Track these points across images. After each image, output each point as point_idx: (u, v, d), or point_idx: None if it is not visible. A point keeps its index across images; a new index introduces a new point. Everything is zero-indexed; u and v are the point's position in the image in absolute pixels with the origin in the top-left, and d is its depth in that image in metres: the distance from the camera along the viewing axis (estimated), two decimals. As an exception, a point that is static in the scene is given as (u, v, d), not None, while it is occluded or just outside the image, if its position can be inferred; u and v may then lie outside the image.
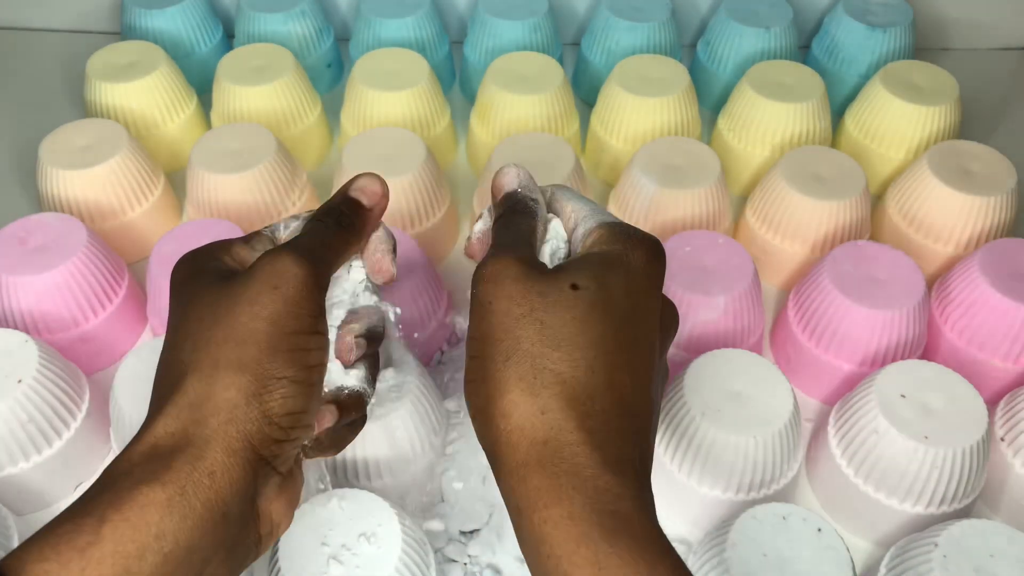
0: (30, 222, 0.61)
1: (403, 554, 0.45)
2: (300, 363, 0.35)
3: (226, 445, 0.33)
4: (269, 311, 0.35)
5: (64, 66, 0.88)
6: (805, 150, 0.68)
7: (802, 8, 0.87)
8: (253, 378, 0.34)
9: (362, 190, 0.41)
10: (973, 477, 0.51)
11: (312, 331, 0.36)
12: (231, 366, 0.34)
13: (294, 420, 0.35)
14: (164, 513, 0.31)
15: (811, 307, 0.59)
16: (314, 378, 0.36)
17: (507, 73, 0.74)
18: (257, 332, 0.34)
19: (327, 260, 0.38)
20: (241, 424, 0.33)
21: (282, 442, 0.35)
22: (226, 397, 0.33)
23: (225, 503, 0.33)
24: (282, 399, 0.34)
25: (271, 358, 0.34)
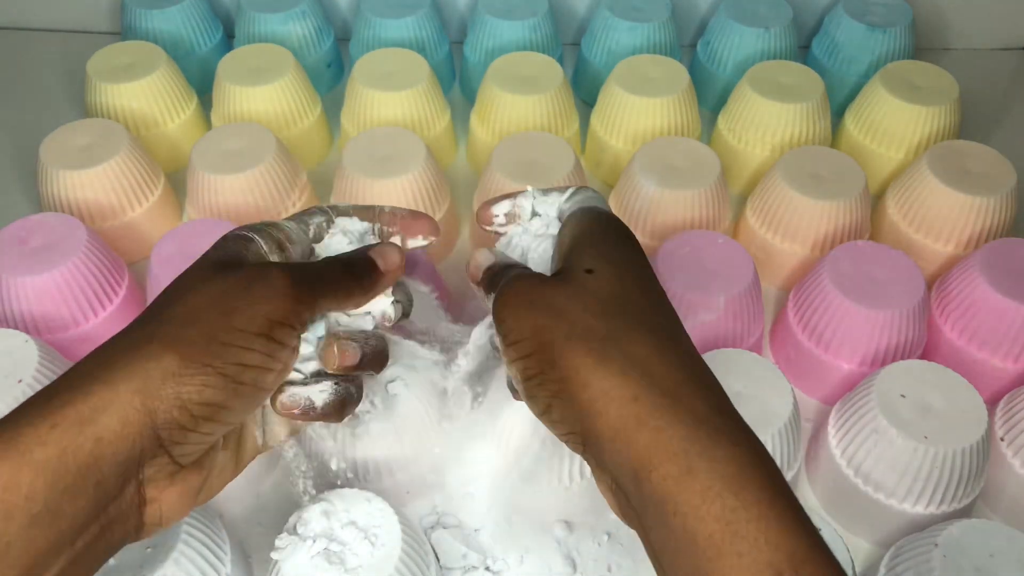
0: (30, 222, 0.61)
1: (403, 554, 0.45)
2: (235, 359, 0.34)
3: (124, 415, 0.32)
4: (227, 304, 0.35)
5: (64, 66, 0.88)
6: (805, 150, 0.69)
7: (802, 8, 0.87)
8: (178, 357, 0.33)
9: (381, 254, 0.41)
10: (973, 477, 0.51)
11: (262, 334, 0.35)
12: (163, 339, 0.33)
13: (209, 412, 0.34)
14: (38, 474, 0.30)
15: (811, 307, 0.59)
16: (245, 378, 0.35)
17: (507, 73, 0.74)
18: (204, 317, 0.34)
19: (317, 292, 0.38)
20: (148, 398, 0.32)
21: (188, 431, 0.33)
22: (144, 367, 0.33)
23: (102, 472, 0.32)
24: (201, 387, 0.33)
25: (205, 344, 0.34)
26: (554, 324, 0.34)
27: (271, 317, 0.35)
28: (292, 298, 0.36)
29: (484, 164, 0.70)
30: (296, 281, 0.36)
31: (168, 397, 0.33)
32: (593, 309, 0.34)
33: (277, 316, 0.35)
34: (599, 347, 0.33)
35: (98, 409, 0.32)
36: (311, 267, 0.39)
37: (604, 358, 0.33)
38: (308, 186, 0.71)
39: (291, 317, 0.36)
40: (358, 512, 0.46)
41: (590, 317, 0.34)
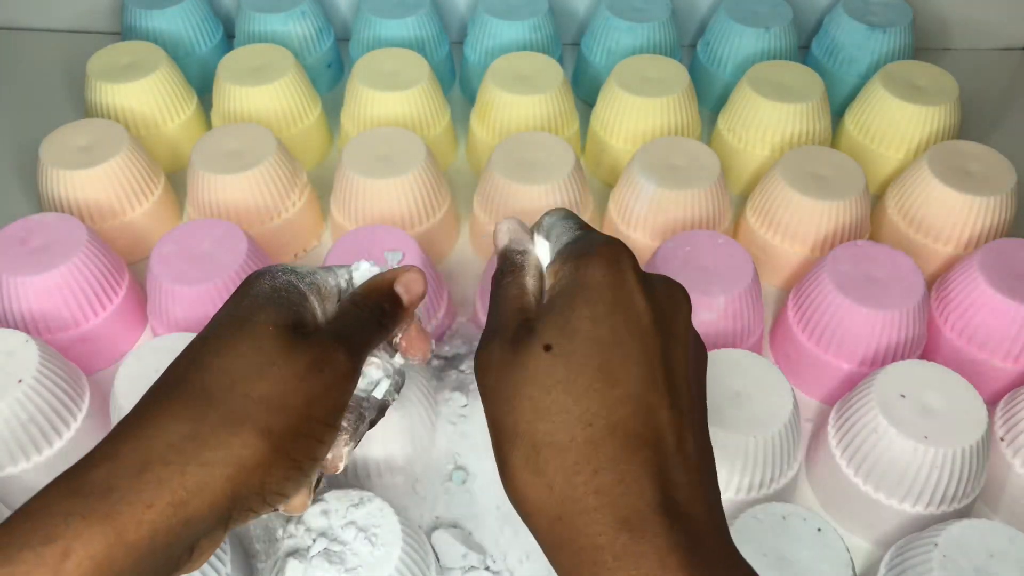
0: (30, 222, 0.61)
1: (403, 554, 0.45)
2: (311, 453, 0.35)
3: (215, 501, 0.32)
4: (309, 393, 0.34)
5: (64, 66, 0.88)
6: (805, 150, 0.69)
7: (802, 8, 0.87)
8: (270, 448, 0.33)
9: (407, 288, 0.41)
10: (973, 477, 0.51)
11: (332, 424, 0.36)
12: (257, 427, 0.33)
13: (278, 501, 0.35)
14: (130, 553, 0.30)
15: (811, 307, 0.59)
16: (313, 471, 0.36)
17: (507, 73, 0.74)
18: (291, 404, 0.34)
19: (364, 357, 0.38)
20: (238, 485, 0.33)
21: (251, 513, 0.34)
22: (240, 454, 0.33)
23: (180, 549, 0.32)
24: (283, 479, 0.34)
25: (293, 438, 0.34)
26: (503, 420, 0.33)
27: (340, 408, 0.36)
28: (351, 382, 0.36)
29: (484, 164, 0.70)
30: (355, 361, 0.37)
31: (254, 485, 0.33)
32: (537, 402, 0.32)
33: (342, 405, 0.36)
34: (534, 458, 0.32)
35: (193, 493, 0.32)
36: (353, 331, 0.38)
37: (536, 472, 0.32)
38: (308, 186, 0.71)
39: (348, 400, 0.37)
40: (358, 512, 0.47)
41: (532, 416, 0.32)
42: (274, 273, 0.38)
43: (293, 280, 0.38)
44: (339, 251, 0.60)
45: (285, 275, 0.38)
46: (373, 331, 0.39)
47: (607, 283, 0.33)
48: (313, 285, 0.38)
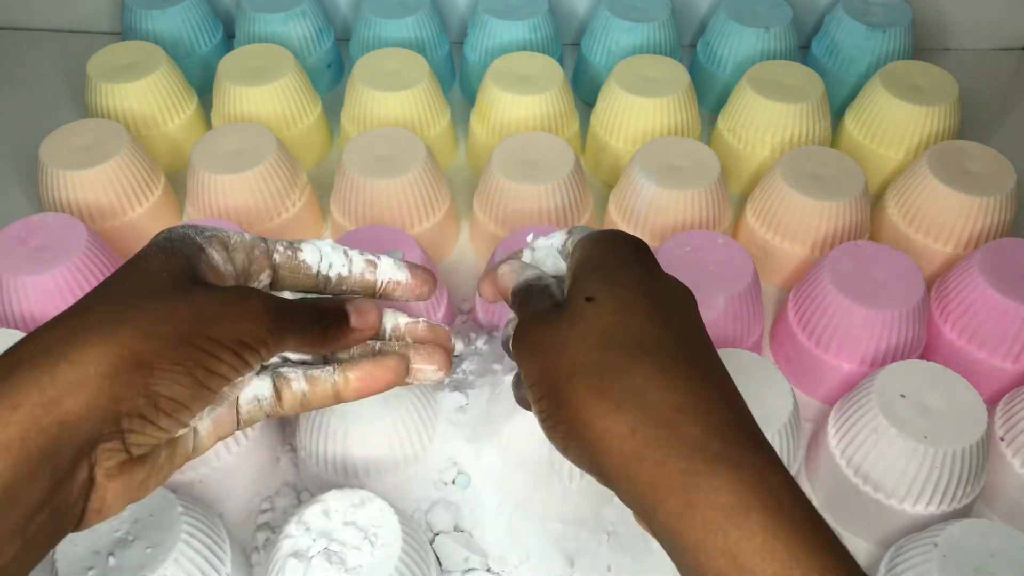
0: (30, 222, 0.61)
1: (403, 554, 0.45)
2: (205, 364, 0.34)
3: (91, 399, 0.31)
4: (202, 312, 0.35)
5: (64, 66, 0.88)
6: (805, 150, 0.69)
7: (802, 8, 0.87)
8: (152, 350, 0.33)
9: (358, 310, 0.41)
10: (972, 477, 0.51)
11: (232, 349, 0.35)
12: (138, 331, 0.33)
13: (172, 407, 0.34)
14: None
15: (811, 307, 0.59)
16: (212, 385, 0.35)
17: (507, 73, 0.74)
18: (180, 319, 0.34)
19: (284, 330, 0.38)
20: (117, 384, 0.32)
21: (148, 422, 0.33)
22: (116, 352, 0.32)
23: (60, 456, 0.31)
24: (170, 382, 0.33)
25: (178, 344, 0.33)
26: (556, 364, 0.34)
27: (242, 338, 0.35)
28: (265, 327, 0.36)
29: (484, 164, 0.70)
30: (270, 312, 0.36)
31: (137, 386, 0.32)
32: (592, 341, 0.33)
33: (248, 338, 0.36)
34: (597, 383, 0.32)
35: (65, 391, 0.31)
36: (286, 303, 0.38)
37: (601, 395, 0.32)
38: (308, 186, 0.71)
39: (259, 343, 0.36)
40: (358, 512, 0.47)
41: (588, 351, 0.33)
42: (172, 229, 0.38)
43: (190, 232, 0.38)
44: (339, 251, 0.60)
45: (184, 229, 0.38)
46: (306, 319, 0.39)
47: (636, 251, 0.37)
48: (213, 237, 0.38)
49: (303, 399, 0.40)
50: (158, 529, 0.46)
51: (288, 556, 0.45)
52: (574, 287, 0.36)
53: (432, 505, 0.54)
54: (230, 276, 0.39)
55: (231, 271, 0.39)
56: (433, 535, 0.53)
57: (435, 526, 0.53)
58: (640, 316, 0.34)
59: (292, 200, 0.68)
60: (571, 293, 0.36)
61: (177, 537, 0.45)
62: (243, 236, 0.40)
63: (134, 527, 0.46)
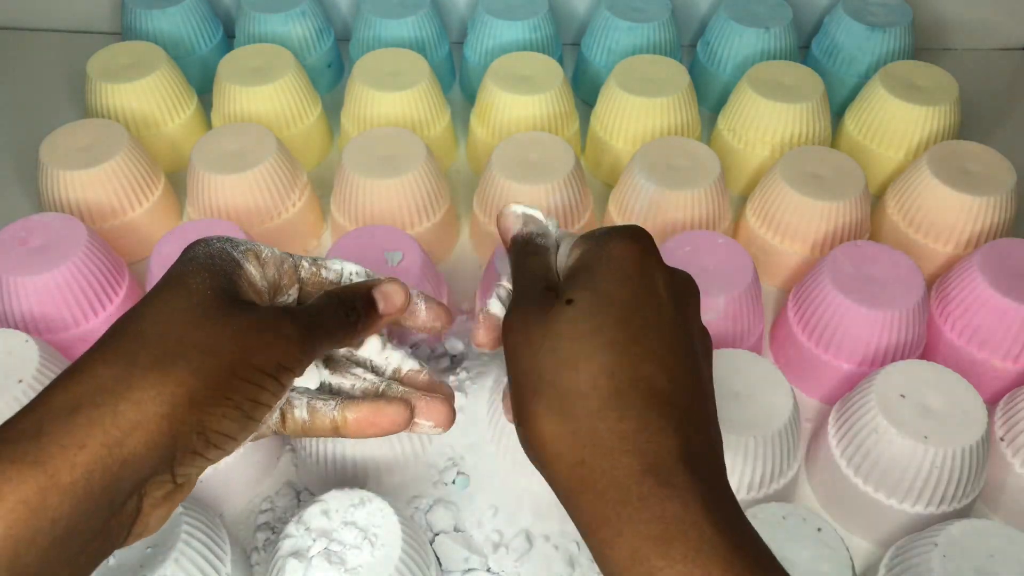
0: (30, 222, 0.61)
1: (403, 554, 0.45)
2: (251, 396, 0.35)
3: (151, 439, 0.32)
4: (245, 342, 0.35)
5: (64, 66, 0.88)
6: (805, 150, 0.69)
7: (802, 8, 0.87)
8: (204, 386, 0.33)
9: (384, 296, 0.41)
10: (972, 477, 0.51)
11: (273, 375, 0.36)
12: (190, 367, 0.33)
13: (221, 441, 0.35)
14: (65, 497, 0.30)
15: (811, 307, 0.59)
16: (257, 415, 0.36)
17: (507, 73, 0.74)
18: (225, 350, 0.34)
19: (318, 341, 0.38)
20: (175, 423, 0.32)
21: (198, 455, 0.34)
22: (172, 391, 0.33)
23: (121, 493, 0.32)
24: (222, 418, 0.34)
25: (227, 377, 0.34)
26: (528, 373, 0.34)
27: (282, 363, 0.36)
28: (300, 349, 0.36)
29: (484, 164, 0.70)
30: (303, 332, 0.37)
31: (192, 423, 0.33)
32: (561, 354, 0.33)
33: (287, 363, 0.36)
34: (557, 406, 0.33)
35: (127, 431, 0.31)
36: (314, 313, 0.38)
37: (560, 419, 0.33)
38: (308, 186, 0.71)
39: (296, 365, 0.36)
40: (358, 512, 0.47)
41: (556, 366, 0.33)
42: (209, 242, 0.38)
43: (227, 248, 0.38)
44: (339, 251, 0.60)
45: (220, 243, 0.38)
46: (336, 321, 0.39)
47: (629, 255, 0.36)
48: (248, 251, 0.39)
49: (304, 426, 0.40)
50: (158, 529, 0.46)
51: (288, 556, 0.45)
52: (563, 286, 0.36)
53: (432, 505, 0.54)
54: (265, 290, 0.39)
55: (266, 286, 0.39)
56: (433, 535, 0.53)
57: (435, 526, 0.53)
58: (611, 327, 0.34)
59: (292, 200, 0.68)
60: (561, 289, 0.36)
61: (177, 537, 0.45)
62: (273, 251, 0.40)
63: (134, 527, 0.46)
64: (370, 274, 0.42)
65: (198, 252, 0.38)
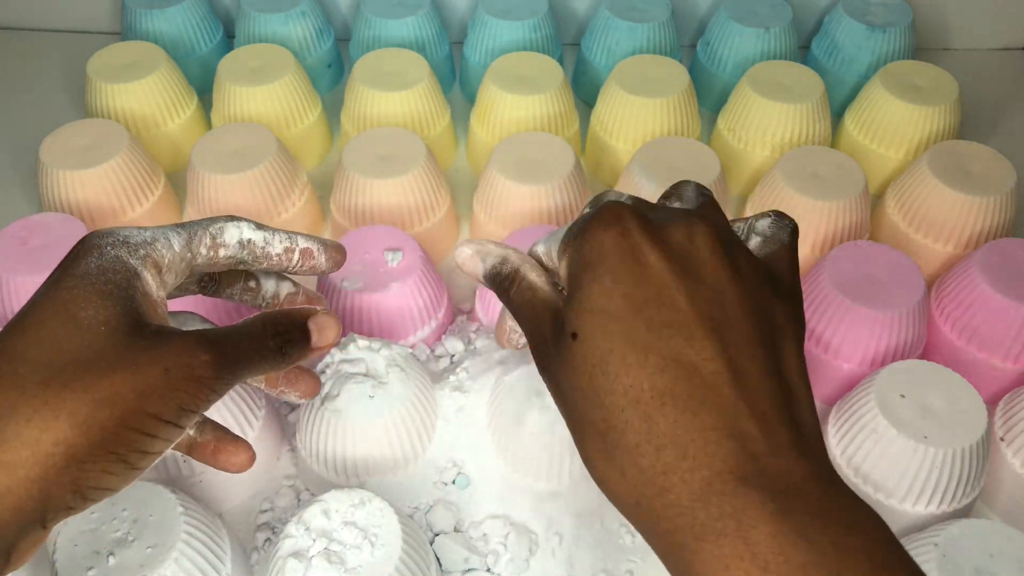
0: (30, 222, 0.61)
1: (403, 554, 0.45)
2: (140, 447, 0.32)
3: (18, 505, 0.29)
4: (145, 387, 0.31)
5: (64, 66, 0.88)
6: (805, 150, 0.69)
7: (802, 8, 0.87)
8: (86, 443, 0.30)
9: (319, 328, 0.38)
10: (972, 477, 0.51)
11: (170, 422, 0.32)
12: (73, 421, 0.30)
13: (99, 495, 0.32)
14: None
15: (811, 307, 0.59)
16: (143, 464, 0.32)
17: (507, 73, 0.74)
18: (120, 398, 0.31)
19: (237, 374, 0.34)
20: (47, 485, 0.30)
21: (70, 510, 0.31)
22: (49, 451, 0.30)
23: None
24: (102, 473, 0.31)
25: (115, 431, 0.31)
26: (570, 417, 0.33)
27: (185, 406, 0.32)
28: (211, 388, 0.33)
29: (484, 164, 0.70)
30: (219, 368, 0.33)
31: (66, 484, 0.30)
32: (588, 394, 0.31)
33: (191, 405, 0.33)
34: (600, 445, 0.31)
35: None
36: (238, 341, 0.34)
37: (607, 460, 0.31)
38: (308, 186, 0.71)
39: (203, 406, 0.33)
40: (358, 512, 0.46)
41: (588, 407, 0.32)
42: (102, 247, 0.34)
43: (123, 255, 0.34)
44: (339, 251, 0.60)
45: (115, 248, 0.34)
46: (264, 354, 0.35)
47: (609, 249, 0.32)
48: (147, 259, 0.35)
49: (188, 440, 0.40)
50: (158, 529, 0.46)
51: (288, 556, 0.45)
52: (565, 309, 0.33)
53: (432, 505, 0.54)
54: (161, 301, 0.35)
55: (162, 296, 0.36)
56: (433, 535, 0.53)
57: (435, 526, 0.53)
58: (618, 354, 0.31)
59: (292, 200, 0.68)
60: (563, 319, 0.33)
61: (177, 537, 0.45)
62: (173, 249, 0.36)
63: (134, 527, 0.46)
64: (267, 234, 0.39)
65: (89, 266, 0.33)
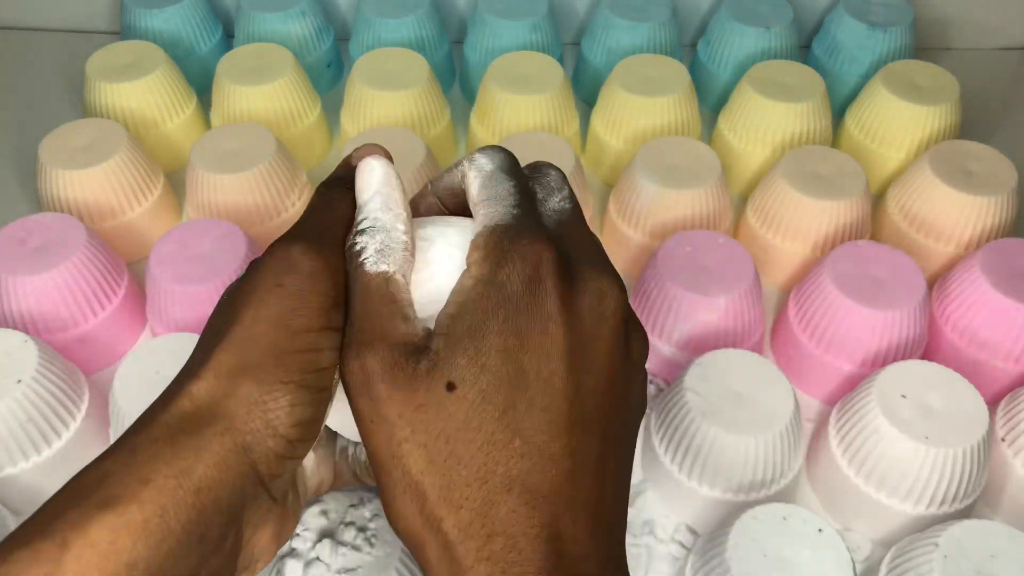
0: (30, 222, 0.61)
1: (403, 554, 0.45)
2: (310, 366, 0.31)
3: (219, 459, 0.29)
4: (273, 311, 0.31)
5: (64, 66, 0.88)
6: (805, 150, 0.68)
7: (803, 7, 0.87)
8: (255, 384, 0.30)
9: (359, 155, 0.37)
10: (974, 477, 0.51)
11: (323, 327, 0.31)
12: (231, 372, 0.30)
13: (303, 431, 0.31)
14: (139, 537, 0.27)
15: (812, 307, 0.59)
16: (326, 381, 0.32)
17: (507, 73, 0.74)
18: (260, 335, 0.31)
19: (339, 237, 0.33)
20: (239, 435, 0.30)
21: (286, 458, 0.31)
22: (224, 405, 0.30)
23: (207, 525, 0.29)
24: (290, 407, 0.30)
25: (276, 362, 0.30)
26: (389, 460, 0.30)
27: (322, 307, 0.31)
28: (326, 275, 0.32)
29: (484, 164, 0.69)
30: (318, 251, 0.32)
31: (260, 428, 0.30)
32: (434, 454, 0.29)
33: (325, 303, 0.31)
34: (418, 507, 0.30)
35: (191, 459, 0.29)
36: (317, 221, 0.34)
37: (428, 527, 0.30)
38: (308, 186, 0.71)
39: (338, 295, 0.32)
40: (358, 512, 0.46)
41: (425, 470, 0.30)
42: None
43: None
44: (339, 251, 0.60)
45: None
46: (343, 202, 0.35)
47: (524, 304, 0.30)
48: None
49: None
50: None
51: (287, 556, 0.45)
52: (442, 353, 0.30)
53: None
54: None
55: None
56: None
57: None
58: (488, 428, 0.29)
59: (292, 200, 0.68)
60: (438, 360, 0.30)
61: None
62: None
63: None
64: None
65: None
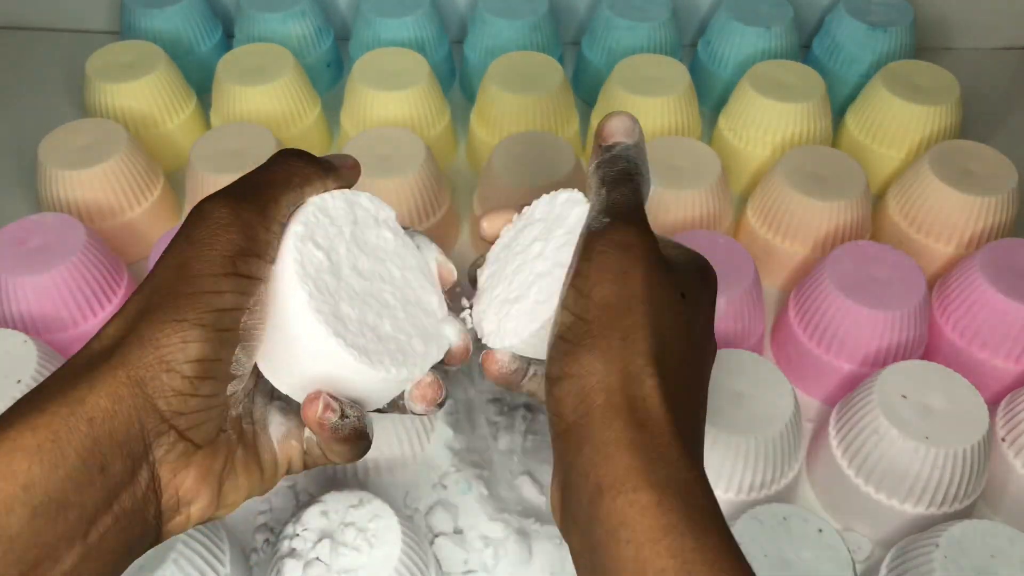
0: (29, 222, 0.61)
1: (403, 555, 0.45)
2: (206, 305, 0.32)
3: (111, 390, 0.30)
4: (177, 259, 0.33)
5: (64, 66, 0.88)
6: (806, 150, 0.68)
7: (803, 7, 0.87)
8: (150, 323, 0.31)
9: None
10: (974, 478, 0.51)
11: (226, 272, 0.33)
12: (135, 315, 0.32)
13: (200, 369, 0.32)
14: (33, 460, 0.29)
15: (812, 307, 0.59)
16: (226, 322, 0.33)
17: (507, 73, 0.74)
18: (163, 281, 0.32)
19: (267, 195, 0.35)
20: (132, 369, 0.31)
21: (185, 395, 0.32)
22: (122, 343, 0.31)
23: (105, 456, 0.30)
24: (182, 343, 0.31)
25: (172, 303, 0.32)
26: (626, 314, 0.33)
27: (225, 252, 0.33)
28: (241, 226, 0.33)
29: (484, 164, 0.70)
30: (230, 201, 0.34)
31: (152, 363, 0.31)
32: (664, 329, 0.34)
33: (230, 249, 0.33)
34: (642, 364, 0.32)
35: (84, 391, 0.30)
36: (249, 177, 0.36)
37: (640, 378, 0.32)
38: (308, 186, 0.70)
39: (249, 246, 0.34)
40: (357, 512, 0.46)
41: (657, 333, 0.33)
42: None
43: None
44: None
45: None
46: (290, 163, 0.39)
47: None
48: None
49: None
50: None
51: (287, 557, 0.45)
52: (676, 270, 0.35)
53: (432, 506, 0.54)
54: None
55: None
56: (433, 536, 0.53)
57: (435, 527, 0.53)
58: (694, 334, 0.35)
59: (292, 200, 0.68)
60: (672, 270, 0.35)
61: (176, 537, 0.45)
62: None
63: (133, 528, 0.46)
64: None
65: None
